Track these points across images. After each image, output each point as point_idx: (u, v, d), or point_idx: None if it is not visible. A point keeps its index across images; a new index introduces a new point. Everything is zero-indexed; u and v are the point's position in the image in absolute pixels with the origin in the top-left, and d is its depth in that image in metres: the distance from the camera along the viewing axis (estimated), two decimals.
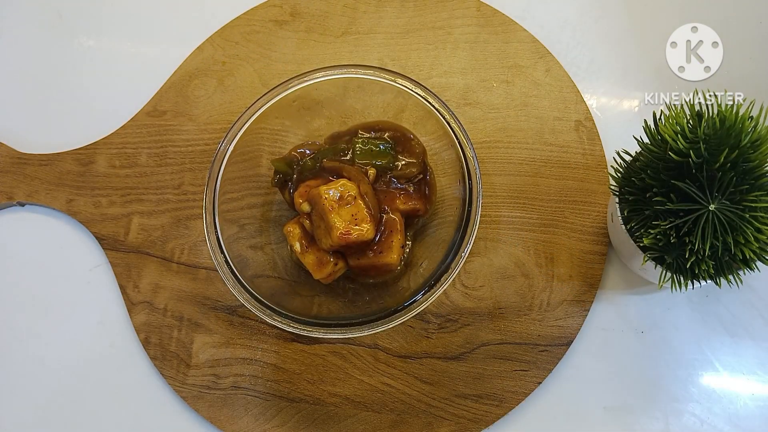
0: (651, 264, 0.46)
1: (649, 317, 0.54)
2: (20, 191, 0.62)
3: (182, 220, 0.60)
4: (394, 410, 0.53)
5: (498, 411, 0.53)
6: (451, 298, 0.55)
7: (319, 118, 0.56)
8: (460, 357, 0.54)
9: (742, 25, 0.61)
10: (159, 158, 0.61)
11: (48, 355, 0.59)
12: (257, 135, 0.54)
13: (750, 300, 0.54)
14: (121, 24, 0.68)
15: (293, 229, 0.52)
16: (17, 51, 0.68)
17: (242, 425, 0.54)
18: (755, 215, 0.40)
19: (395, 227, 0.52)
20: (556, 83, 0.59)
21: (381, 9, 0.64)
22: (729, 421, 0.52)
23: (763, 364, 0.53)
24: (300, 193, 0.52)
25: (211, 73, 0.63)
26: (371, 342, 0.55)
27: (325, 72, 0.53)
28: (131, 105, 0.63)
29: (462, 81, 0.61)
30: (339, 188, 0.50)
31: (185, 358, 0.56)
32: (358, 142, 0.54)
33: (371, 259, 0.51)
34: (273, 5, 0.65)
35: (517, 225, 0.56)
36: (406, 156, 0.54)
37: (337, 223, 0.49)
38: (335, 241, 0.49)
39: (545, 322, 0.54)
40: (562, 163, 0.57)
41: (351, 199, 0.50)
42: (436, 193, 0.55)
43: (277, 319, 0.49)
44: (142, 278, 0.58)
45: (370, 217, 0.50)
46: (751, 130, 0.40)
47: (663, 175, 0.42)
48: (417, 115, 0.54)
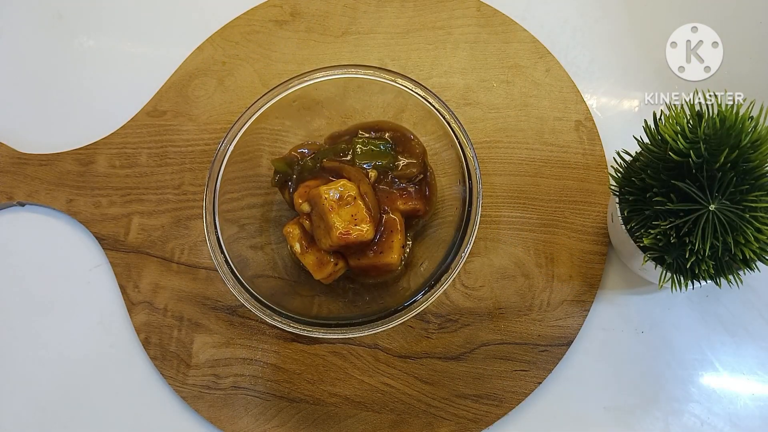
0: (651, 264, 0.46)
1: (649, 317, 0.54)
2: (20, 191, 0.62)
3: (182, 220, 0.60)
4: (394, 410, 0.53)
5: (498, 411, 0.53)
6: (451, 298, 0.55)
7: (319, 118, 0.56)
8: (460, 357, 0.54)
9: (742, 25, 0.61)
10: (159, 158, 0.61)
11: (48, 355, 0.59)
12: (257, 135, 0.54)
13: (750, 300, 0.54)
14: (121, 24, 0.68)
15: (293, 229, 0.52)
16: (17, 51, 0.68)
17: (242, 425, 0.54)
18: (755, 215, 0.40)
19: (395, 227, 0.52)
20: (556, 83, 0.59)
21: (381, 9, 0.64)
22: (729, 421, 0.52)
23: (763, 364, 0.53)
24: (300, 194, 0.52)
25: (211, 73, 0.63)
26: (371, 342, 0.55)
27: (325, 72, 0.53)
28: (131, 105, 0.63)
29: (462, 81, 0.61)
30: (339, 188, 0.50)
31: (185, 358, 0.56)
32: (359, 142, 0.54)
33: (372, 259, 0.51)
34: (273, 5, 0.65)
35: (517, 225, 0.56)
36: (406, 156, 0.54)
37: (337, 224, 0.49)
38: (335, 241, 0.49)
39: (545, 322, 0.54)
40: (562, 163, 0.57)
41: (351, 200, 0.50)
42: (436, 193, 0.55)
43: (277, 319, 0.49)
44: (142, 278, 0.58)
45: (369, 218, 0.50)
46: (751, 130, 0.40)
47: (663, 175, 0.42)
48: (417, 115, 0.54)
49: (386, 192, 0.53)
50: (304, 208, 0.52)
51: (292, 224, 0.53)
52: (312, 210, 0.51)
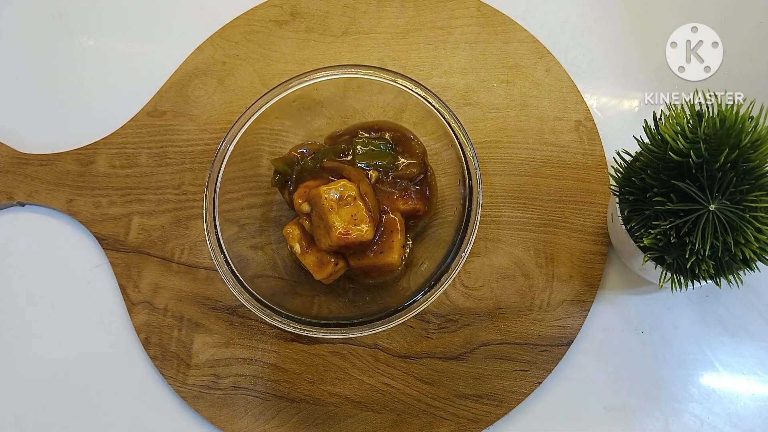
0: (651, 264, 0.46)
1: (649, 317, 0.54)
2: (20, 191, 0.62)
3: (182, 220, 0.60)
4: (394, 410, 0.53)
5: (498, 411, 0.53)
6: (452, 298, 0.55)
7: (319, 118, 0.56)
8: (460, 357, 0.54)
9: (742, 25, 0.61)
10: (159, 158, 0.61)
11: (48, 355, 0.59)
12: (257, 135, 0.54)
13: (750, 300, 0.54)
14: (121, 24, 0.68)
15: (293, 230, 0.52)
16: (17, 51, 0.68)
17: (242, 425, 0.54)
18: (755, 215, 0.40)
19: (396, 227, 0.52)
20: (556, 83, 0.59)
21: (381, 9, 0.64)
22: (729, 421, 0.52)
23: (763, 364, 0.53)
24: (299, 194, 0.52)
25: (211, 73, 0.63)
26: (371, 342, 0.55)
27: (325, 72, 0.53)
28: (131, 105, 0.63)
29: (462, 81, 0.61)
30: (339, 189, 0.50)
31: (185, 358, 0.56)
32: (359, 142, 0.54)
33: (372, 259, 0.51)
34: (273, 5, 0.65)
35: (517, 225, 0.56)
36: (406, 156, 0.54)
37: (337, 224, 0.49)
38: (334, 241, 0.49)
39: (545, 322, 0.54)
40: (563, 163, 0.57)
41: (351, 200, 0.50)
42: (436, 194, 0.55)
43: (277, 319, 0.49)
44: (142, 278, 0.58)
45: (369, 218, 0.50)
46: (752, 130, 0.40)
47: (663, 175, 0.42)
48: (417, 115, 0.54)
49: (386, 192, 0.53)
50: (303, 208, 0.52)
51: (291, 225, 0.53)
52: (312, 210, 0.51)
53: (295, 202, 0.52)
